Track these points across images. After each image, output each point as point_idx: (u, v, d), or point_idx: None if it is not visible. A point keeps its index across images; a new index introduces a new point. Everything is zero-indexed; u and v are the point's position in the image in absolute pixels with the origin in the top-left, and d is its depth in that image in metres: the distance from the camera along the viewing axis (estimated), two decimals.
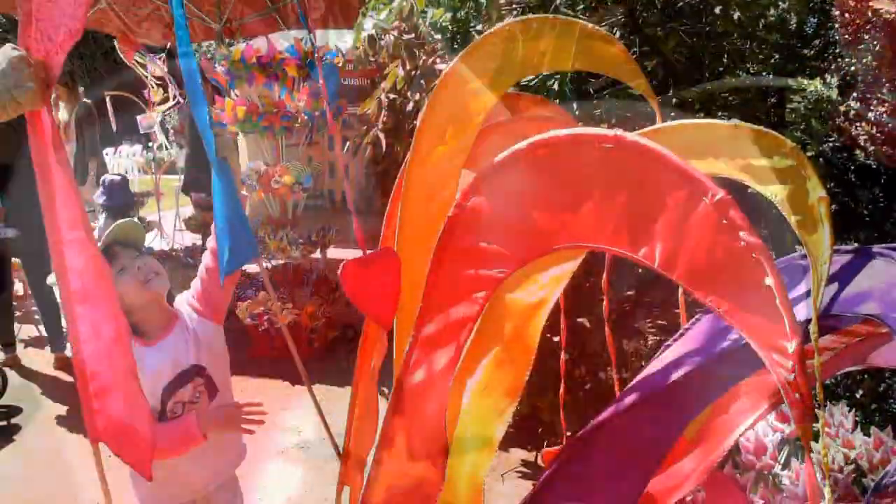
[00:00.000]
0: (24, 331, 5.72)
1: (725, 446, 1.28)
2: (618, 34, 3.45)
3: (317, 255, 5.37)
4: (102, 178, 5.35)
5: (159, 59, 7.45)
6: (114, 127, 7.50)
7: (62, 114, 6.72)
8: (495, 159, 0.88)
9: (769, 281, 0.69)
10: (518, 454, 3.50)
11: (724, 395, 1.09)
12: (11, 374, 4.69)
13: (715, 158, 1.12)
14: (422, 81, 2.79)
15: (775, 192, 1.05)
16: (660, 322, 4.18)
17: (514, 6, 3.17)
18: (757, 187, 1.09)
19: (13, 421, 4.21)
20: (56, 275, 1.32)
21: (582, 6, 3.42)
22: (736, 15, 3.62)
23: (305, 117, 4.77)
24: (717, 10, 3.56)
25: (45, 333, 5.26)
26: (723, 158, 1.11)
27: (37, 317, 5.76)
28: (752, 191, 1.14)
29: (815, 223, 1.01)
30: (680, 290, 1.74)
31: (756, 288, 0.70)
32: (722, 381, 1.07)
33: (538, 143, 0.85)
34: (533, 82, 2.64)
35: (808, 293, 1.09)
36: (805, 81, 3.13)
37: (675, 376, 1.05)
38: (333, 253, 5.95)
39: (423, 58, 3.09)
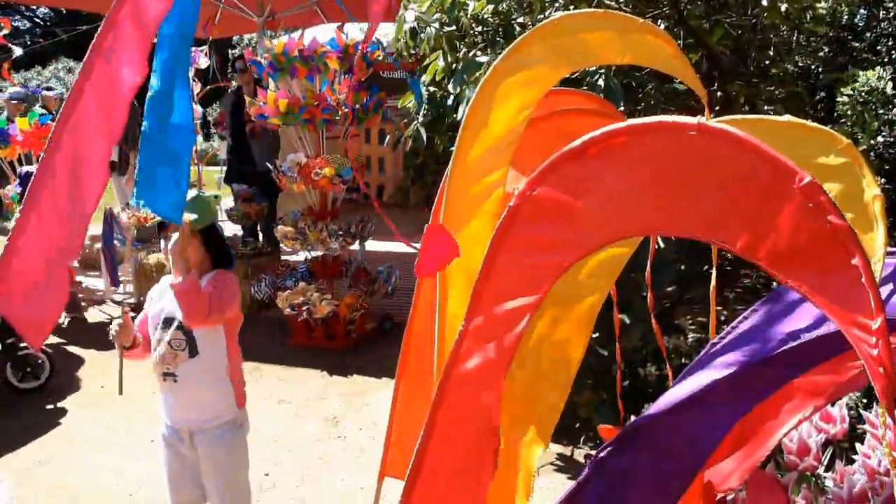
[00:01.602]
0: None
1: (769, 446, 1.27)
2: (662, 26, 3.41)
3: (355, 246, 5.41)
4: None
5: (202, 51, 7.57)
6: None
7: None
8: (564, 148, 0.88)
9: (856, 261, 0.69)
10: (554, 448, 3.50)
11: (770, 396, 1.07)
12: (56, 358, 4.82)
13: None
14: (463, 75, 2.79)
15: (829, 189, 1.04)
16: (700, 319, 4.13)
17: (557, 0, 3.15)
18: None
19: (59, 404, 4.33)
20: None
21: None
22: (783, 6, 3.53)
23: (346, 110, 4.80)
24: (764, 1, 3.49)
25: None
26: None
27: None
28: None
29: (869, 221, 0.99)
30: (712, 287, 1.72)
31: (840, 268, 0.71)
32: (769, 382, 1.05)
33: (616, 132, 0.85)
34: (575, 75, 2.62)
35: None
36: (856, 73, 3.06)
37: (721, 377, 1.04)
38: (372, 245, 5.98)
39: (464, 50, 3.09)
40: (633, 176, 0.85)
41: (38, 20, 32.44)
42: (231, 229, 7.29)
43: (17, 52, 6.62)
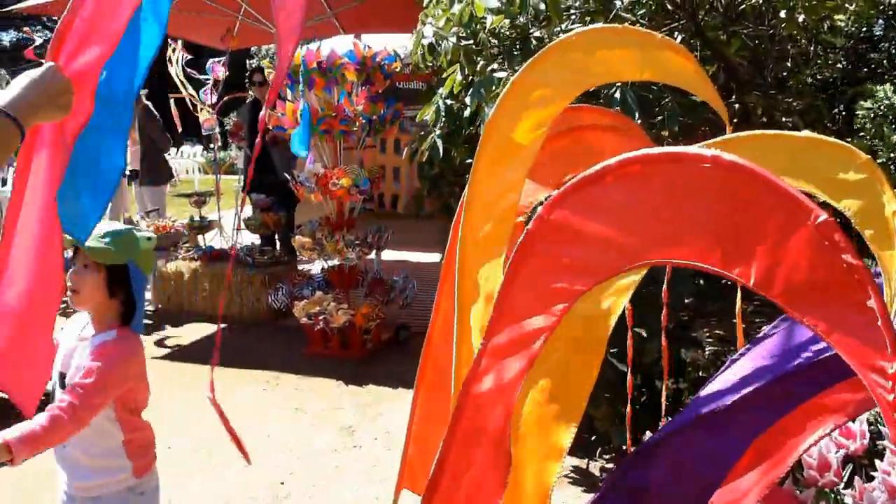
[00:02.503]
0: None
1: (789, 463, 1.26)
2: (679, 38, 3.41)
3: (372, 256, 5.44)
4: None
5: (220, 62, 7.63)
6: (179, 128, 7.71)
7: None
8: (582, 174, 0.89)
9: (871, 303, 0.69)
10: (570, 461, 3.49)
11: (790, 412, 1.07)
12: None
13: (786, 171, 1.10)
14: (480, 88, 2.80)
15: (848, 206, 1.04)
16: (718, 332, 4.11)
17: (573, 12, 3.16)
18: (829, 200, 1.08)
19: None
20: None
21: (643, 10, 3.39)
22: (801, 18, 3.52)
23: (363, 121, 4.84)
24: (782, 13, 3.48)
25: None
26: (795, 170, 1.10)
27: None
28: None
29: (889, 238, 0.99)
30: (738, 302, 1.71)
31: (856, 308, 0.70)
32: (790, 398, 1.05)
33: (630, 160, 0.86)
34: (592, 89, 2.63)
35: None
36: (875, 87, 3.04)
37: (742, 393, 1.04)
38: (388, 255, 6.01)
39: (482, 63, 3.11)
40: (648, 205, 0.86)
41: None
42: (249, 238, 7.34)
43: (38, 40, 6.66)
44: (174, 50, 7.04)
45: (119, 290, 1.96)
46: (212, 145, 8.03)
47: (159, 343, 5.61)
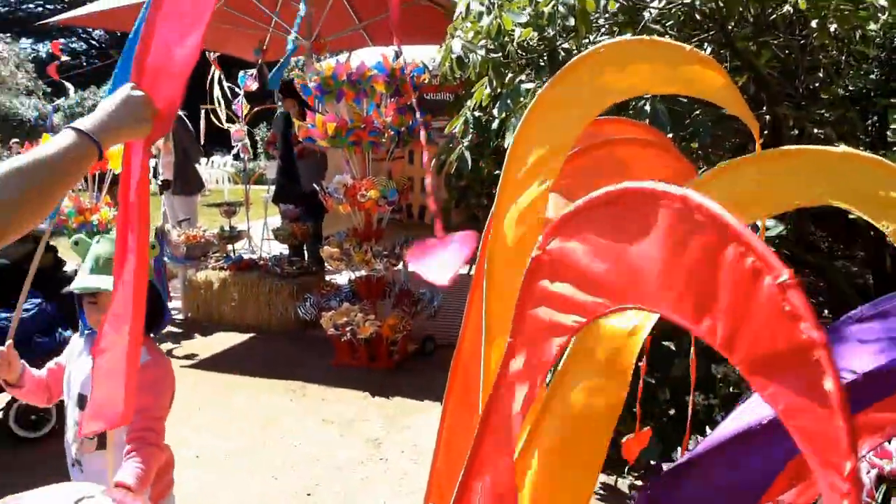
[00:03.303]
0: None
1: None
2: (709, 49, 3.38)
3: (399, 267, 5.46)
4: None
5: (250, 75, 7.74)
6: (201, 139, 7.84)
7: None
8: (574, 204, 0.85)
9: (829, 385, 0.61)
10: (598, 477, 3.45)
11: None
12: None
13: (823, 188, 1.08)
14: (508, 100, 2.81)
15: (887, 225, 1.01)
16: None
17: (602, 25, 3.15)
18: (868, 218, 1.05)
19: None
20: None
21: (671, 21, 3.37)
22: (833, 27, 3.47)
23: (392, 132, 4.87)
24: (813, 23, 3.43)
25: None
26: (832, 188, 1.07)
27: None
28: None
29: None
30: None
31: (816, 389, 0.62)
32: None
33: (612, 194, 0.79)
34: (620, 102, 2.61)
35: None
36: None
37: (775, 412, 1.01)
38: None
39: (510, 76, 3.11)
40: (627, 244, 0.79)
41: (94, 42, 33.69)
42: (277, 248, 7.41)
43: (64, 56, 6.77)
44: (213, 69, 7.17)
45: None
46: (242, 155, 8.14)
47: (188, 352, 5.67)
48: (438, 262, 1.11)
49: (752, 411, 1.05)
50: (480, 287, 1.31)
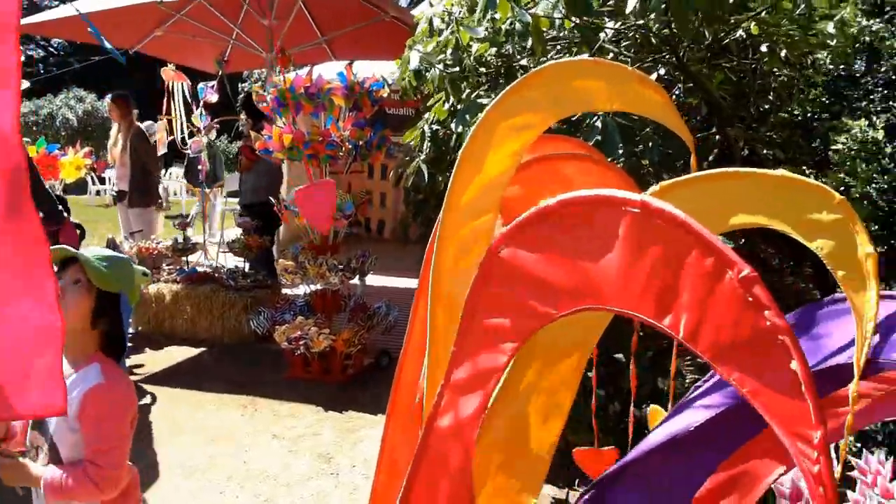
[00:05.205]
0: None
1: (759, 492, 1.25)
2: (662, 71, 3.45)
3: (355, 281, 5.42)
4: None
5: (210, 86, 7.66)
6: (162, 149, 7.72)
7: (119, 137, 6.95)
8: (527, 212, 0.88)
9: (794, 365, 0.67)
10: (548, 490, 3.45)
11: (757, 436, 1.06)
12: None
13: (759, 210, 1.11)
14: (465, 115, 2.82)
15: (821, 246, 1.03)
16: (698, 361, 4.11)
17: (558, 42, 3.20)
18: (802, 240, 1.07)
19: None
20: None
21: (626, 43, 3.43)
22: (783, 53, 3.58)
23: (350, 146, 4.85)
24: (764, 47, 3.53)
25: None
26: (767, 210, 1.09)
27: None
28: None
29: (862, 280, 0.98)
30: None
31: (781, 370, 0.68)
32: (753, 422, 1.04)
33: (569, 201, 0.85)
34: (575, 117, 2.65)
35: (851, 340, 1.06)
36: (850, 122, 3.09)
37: (706, 416, 1.03)
38: (373, 280, 5.99)
39: (467, 91, 3.13)
40: (585, 248, 0.85)
41: (52, 49, 33.01)
42: (233, 261, 7.30)
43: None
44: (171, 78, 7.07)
45: (101, 318, 1.83)
46: (199, 167, 8.02)
47: (138, 366, 5.54)
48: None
49: (681, 419, 1.07)
50: (424, 302, 1.31)
